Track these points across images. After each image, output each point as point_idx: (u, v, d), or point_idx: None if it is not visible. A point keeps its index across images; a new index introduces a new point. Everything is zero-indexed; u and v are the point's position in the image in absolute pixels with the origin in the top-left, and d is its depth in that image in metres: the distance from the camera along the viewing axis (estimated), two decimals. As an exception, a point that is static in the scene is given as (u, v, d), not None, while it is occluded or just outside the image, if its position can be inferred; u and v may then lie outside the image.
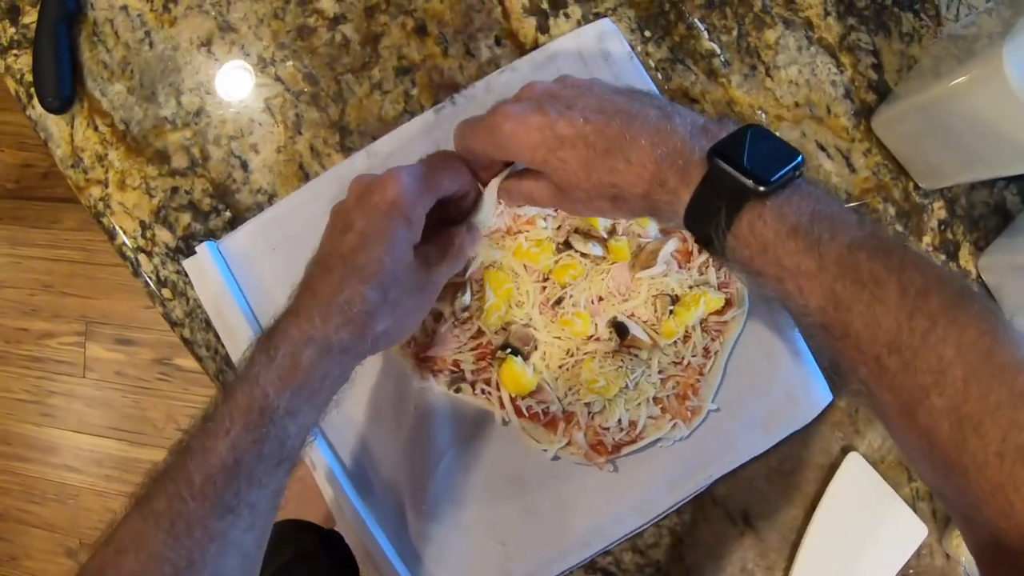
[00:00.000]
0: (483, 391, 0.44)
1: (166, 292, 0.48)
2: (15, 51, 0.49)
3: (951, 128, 0.43)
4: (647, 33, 0.48)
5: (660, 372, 0.44)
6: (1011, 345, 0.26)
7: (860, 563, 0.49)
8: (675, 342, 0.44)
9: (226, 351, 0.47)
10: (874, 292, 0.27)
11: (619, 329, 0.44)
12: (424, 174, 0.36)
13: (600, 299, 0.44)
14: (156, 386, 1.15)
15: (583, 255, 0.43)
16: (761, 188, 0.29)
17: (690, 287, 0.44)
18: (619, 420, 0.44)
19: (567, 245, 0.43)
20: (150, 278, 0.48)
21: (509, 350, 0.43)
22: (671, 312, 0.44)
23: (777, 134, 0.36)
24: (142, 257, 0.48)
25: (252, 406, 0.32)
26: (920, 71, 0.48)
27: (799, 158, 0.30)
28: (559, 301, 0.43)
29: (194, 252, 0.46)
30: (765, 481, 0.48)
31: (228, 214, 0.48)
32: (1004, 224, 0.50)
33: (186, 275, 0.47)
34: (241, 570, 0.33)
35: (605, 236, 0.44)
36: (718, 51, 0.48)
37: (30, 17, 0.48)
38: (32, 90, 0.48)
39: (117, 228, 0.48)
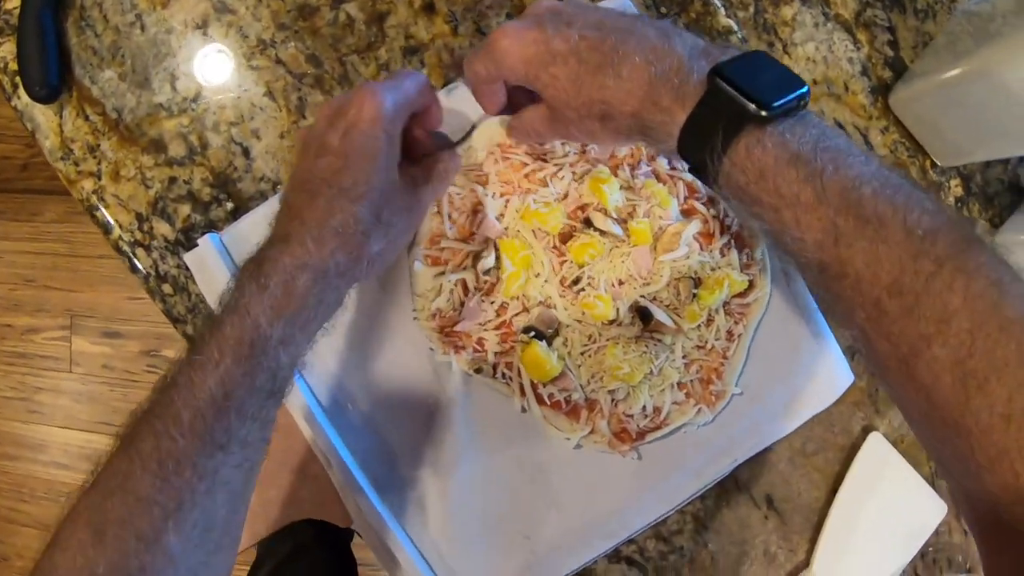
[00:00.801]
0: (504, 375, 0.43)
1: (167, 287, 0.47)
2: (-4, 36, 0.47)
3: (969, 107, 0.43)
4: (663, 10, 0.47)
5: (684, 357, 0.44)
6: (1020, 299, 0.25)
7: (881, 543, 0.50)
8: (698, 326, 0.44)
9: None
10: (877, 229, 0.26)
11: (642, 314, 0.43)
12: (395, 87, 0.35)
13: (621, 283, 0.44)
14: (144, 378, 1.13)
15: (602, 233, 0.43)
16: (763, 112, 0.27)
17: (712, 269, 0.44)
18: (643, 407, 0.44)
19: (587, 223, 0.43)
20: (149, 273, 0.47)
21: (533, 333, 0.43)
22: (694, 296, 0.44)
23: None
24: (140, 252, 0.47)
25: (243, 338, 0.31)
26: (935, 49, 0.48)
27: (805, 87, 0.29)
28: (577, 281, 0.43)
29: (195, 245, 0.45)
30: (788, 464, 0.48)
31: (230, 204, 0.46)
32: (1018, 201, 0.51)
33: (187, 269, 0.45)
34: (229, 508, 0.32)
35: (625, 217, 0.43)
36: (735, 28, 0.47)
37: (13, 2, 0.46)
38: (17, 79, 0.46)
39: (112, 222, 0.47)
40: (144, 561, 0.29)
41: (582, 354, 0.44)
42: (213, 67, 0.46)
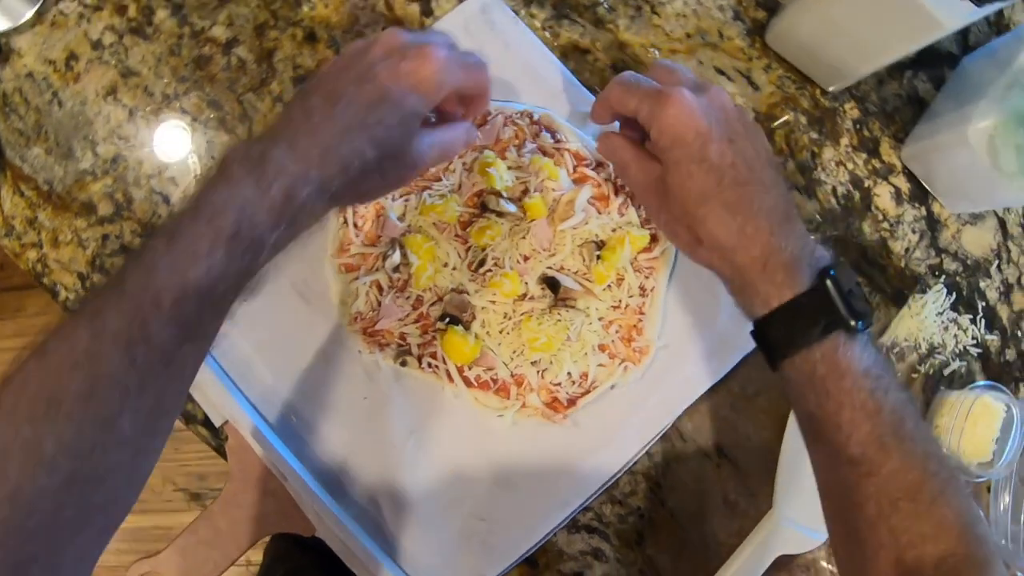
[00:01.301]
0: (430, 365, 0.46)
1: (115, 337, 0.50)
2: (-67, 135, 0.52)
3: (838, 23, 0.45)
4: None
5: (600, 319, 0.46)
6: (983, 522, 0.36)
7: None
8: (609, 286, 0.46)
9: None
10: (910, 449, 0.34)
11: (550, 284, 0.45)
12: (456, 62, 0.36)
13: (526, 258, 0.46)
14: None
15: (499, 214, 0.45)
16: (852, 323, 0.34)
17: (613, 230, 0.46)
18: (568, 373, 0.46)
19: (483, 207, 0.45)
20: (97, 326, 0.50)
21: (448, 320, 0.45)
22: (598, 257, 0.45)
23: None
24: (87, 308, 0.51)
25: (239, 235, 0.30)
26: (800, -22, 0.49)
27: (872, 312, 0.36)
28: (482, 263, 0.45)
29: (133, 292, 0.48)
30: (731, 409, 0.49)
31: (160, 250, 0.50)
32: (920, 113, 0.51)
33: (131, 317, 0.49)
34: (179, 396, 0.33)
35: (519, 195, 0.46)
36: (600, -1, 0.50)
37: (-60, 101, 0.51)
38: (-46, 169, 0.50)
39: (58, 285, 0.51)
40: (97, 441, 0.28)
41: (500, 332, 0.46)
42: (126, 127, 0.51)
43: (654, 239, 0.46)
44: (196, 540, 0.49)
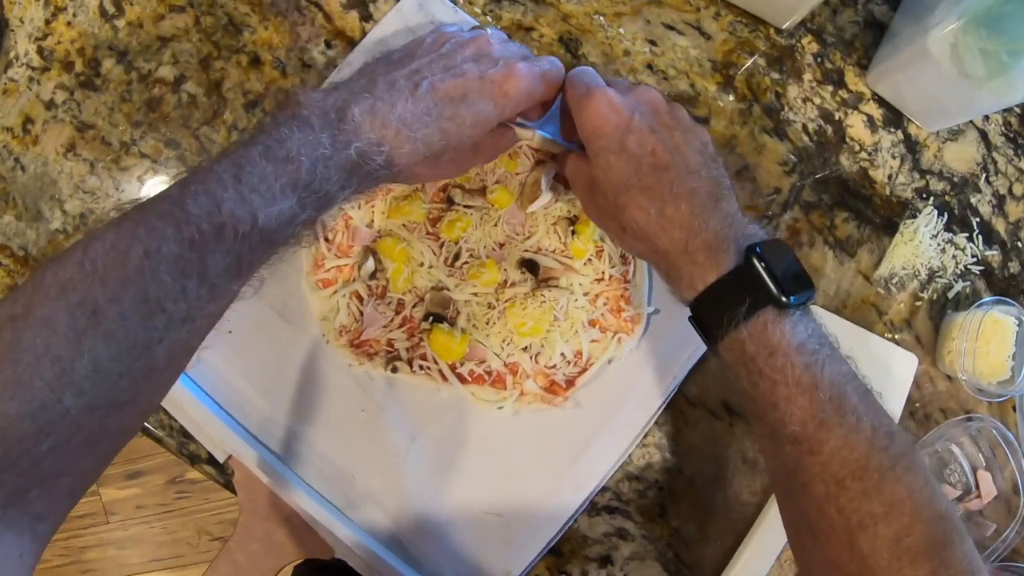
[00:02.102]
0: (421, 367, 0.46)
1: (109, 389, 0.51)
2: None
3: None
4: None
5: (585, 294, 0.46)
6: (944, 497, 0.34)
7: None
8: (589, 260, 0.46)
9: (180, 423, 0.50)
10: (853, 423, 0.33)
11: (529, 267, 0.46)
12: (539, 77, 0.38)
13: (501, 245, 0.46)
14: (178, 506, 1.20)
15: (467, 206, 0.45)
16: (783, 299, 0.34)
17: (583, 203, 0.46)
18: (562, 354, 0.46)
19: (450, 201, 0.46)
20: (90, 381, 0.51)
21: (432, 318, 0.45)
22: (573, 232, 0.46)
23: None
24: (77, 365, 0.52)
25: (312, 185, 0.31)
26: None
27: (814, 289, 0.36)
28: (457, 256, 0.46)
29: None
30: (734, 365, 0.49)
31: (139, 296, 0.51)
32: (880, 37, 0.51)
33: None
34: (206, 332, 0.33)
35: (480, 189, 0.46)
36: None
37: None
38: (-71, 248, 0.52)
39: (47, 347, 0.52)
40: (131, 367, 0.27)
41: (487, 323, 0.46)
42: (90, 181, 0.52)
43: (627, 205, 0.47)
44: (219, 580, 0.50)
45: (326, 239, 0.47)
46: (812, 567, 0.36)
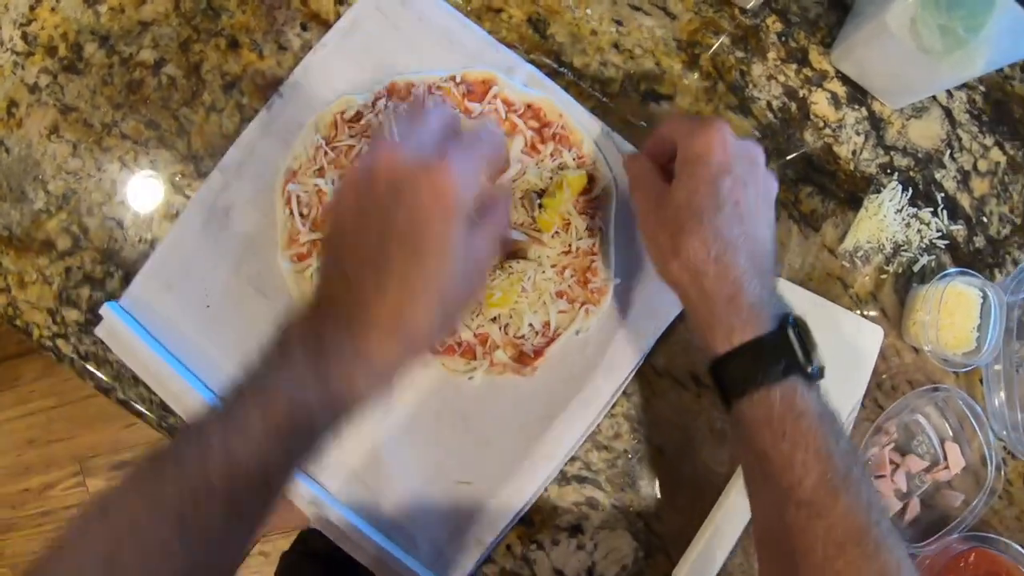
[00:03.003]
0: (391, 341, 0.48)
1: (91, 365, 0.54)
2: None
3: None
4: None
5: (553, 266, 0.48)
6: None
7: (828, 381, 0.51)
8: (557, 233, 0.49)
9: (160, 398, 0.52)
10: (855, 494, 0.36)
11: (498, 240, 0.48)
12: (471, 155, 0.34)
13: (470, 219, 0.49)
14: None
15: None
16: (810, 370, 0.38)
17: (550, 177, 0.49)
18: (530, 325, 0.48)
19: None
20: (73, 357, 0.54)
21: (400, 294, 0.48)
22: (540, 206, 0.48)
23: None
24: (60, 342, 0.54)
25: (294, 423, 0.31)
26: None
27: (822, 365, 0.39)
28: (427, 232, 0.48)
29: (100, 318, 0.52)
30: (701, 337, 0.51)
31: (120, 273, 0.54)
32: (843, 17, 0.54)
33: (103, 342, 0.53)
34: (229, 572, 0.35)
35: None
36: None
37: None
38: (-84, 228, 0.55)
39: (31, 324, 0.55)
40: None
41: (457, 295, 0.48)
42: (72, 162, 0.55)
43: (592, 179, 0.49)
44: (198, 552, 0.52)
45: (301, 214, 0.50)
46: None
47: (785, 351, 0.38)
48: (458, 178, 0.32)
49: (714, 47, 0.53)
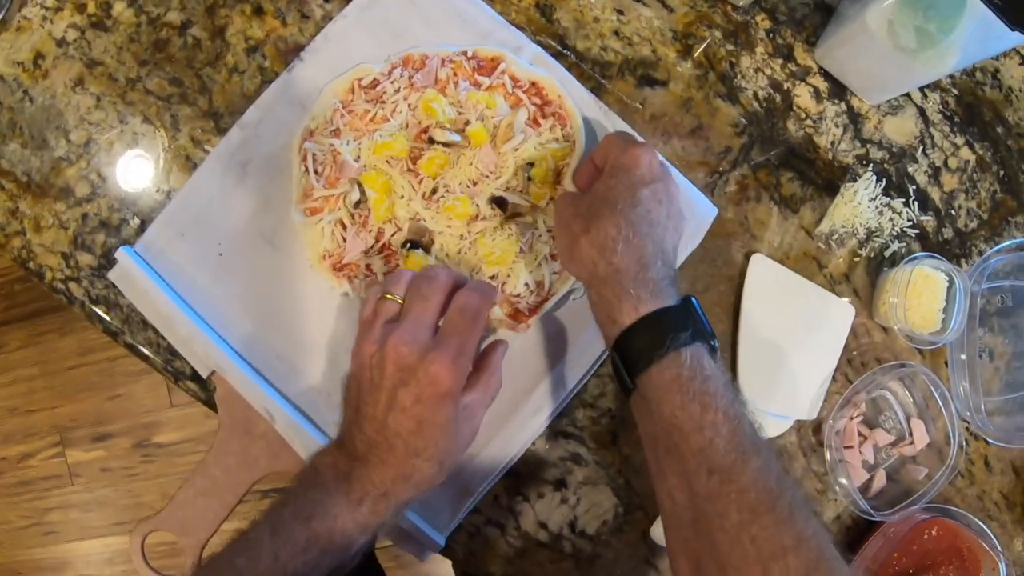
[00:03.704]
0: (395, 291, 0.52)
1: (101, 308, 0.57)
2: (-84, 142, 0.59)
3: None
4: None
5: (548, 230, 0.53)
6: (833, 547, 0.38)
7: (800, 356, 0.56)
8: (551, 200, 0.53)
9: (168, 342, 0.55)
10: (764, 460, 0.38)
11: (499, 203, 0.53)
12: (466, 341, 0.42)
13: (475, 183, 0.53)
14: (143, 470, 1.25)
15: (445, 145, 0.52)
16: (713, 342, 0.42)
17: (544, 147, 0.53)
18: (526, 284, 0.52)
19: (431, 140, 0.53)
20: (83, 300, 0.57)
21: (409, 245, 0.52)
22: (529, 179, 0.53)
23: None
24: (72, 285, 0.58)
25: (332, 538, 0.41)
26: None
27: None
28: (435, 191, 0.52)
29: (115, 262, 0.55)
30: (685, 306, 0.55)
31: (136, 220, 0.57)
32: (828, 19, 0.59)
33: (115, 286, 0.56)
34: None
35: (461, 128, 0.53)
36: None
37: (-79, 107, 0.58)
38: (-62, 169, 0.58)
39: (44, 267, 0.58)
40: None
41: (458, 252, 0.53)
42: (95, 113, 0.58)
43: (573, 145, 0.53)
44: (194, 492, 0.55)
45: (316, 171, 0.54)
46: None
47: (691, 319, 0.41)
48: (451, 366, 0.40)
49: (707, 40, 0.58)
